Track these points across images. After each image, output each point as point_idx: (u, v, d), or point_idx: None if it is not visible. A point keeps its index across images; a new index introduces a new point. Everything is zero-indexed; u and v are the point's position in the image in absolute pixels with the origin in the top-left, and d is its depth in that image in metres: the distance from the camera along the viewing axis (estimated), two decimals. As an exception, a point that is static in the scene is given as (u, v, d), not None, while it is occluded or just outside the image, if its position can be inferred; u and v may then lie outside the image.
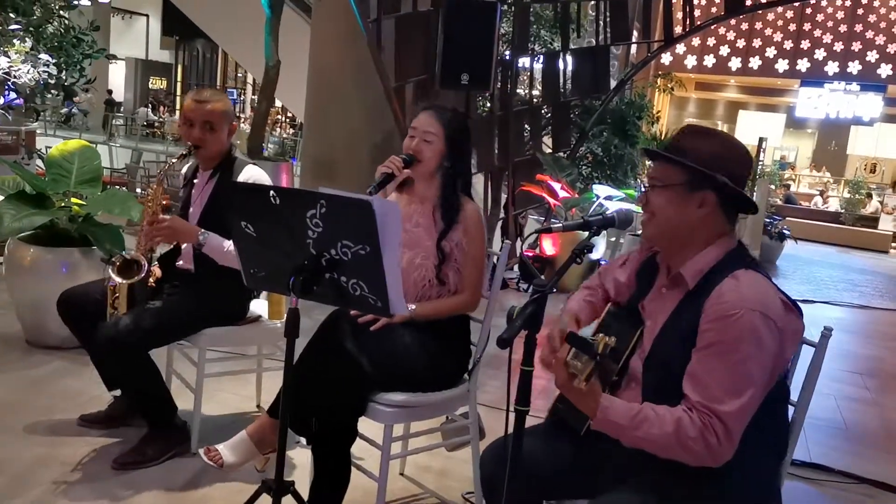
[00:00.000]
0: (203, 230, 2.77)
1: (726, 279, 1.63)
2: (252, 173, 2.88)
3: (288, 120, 24.15)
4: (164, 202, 2.80)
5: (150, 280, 2.84)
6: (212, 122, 2.81)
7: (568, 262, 1.65)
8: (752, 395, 1.56)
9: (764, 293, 1.61)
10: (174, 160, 2.94)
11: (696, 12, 7.32)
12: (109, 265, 2.79)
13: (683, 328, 1.66)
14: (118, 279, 2.74)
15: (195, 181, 2.99)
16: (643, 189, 1.80)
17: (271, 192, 1.89)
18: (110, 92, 22.39)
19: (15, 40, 5.29)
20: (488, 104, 8.08)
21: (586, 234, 1.82)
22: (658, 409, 1.61)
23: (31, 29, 6.22)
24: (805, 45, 18.90)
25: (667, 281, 1.79)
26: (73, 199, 3.78)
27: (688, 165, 1.68)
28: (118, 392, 3.05)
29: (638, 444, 1.62)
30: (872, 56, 18.27)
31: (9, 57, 5.50)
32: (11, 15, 5.97)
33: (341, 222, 1.81)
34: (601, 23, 7.45)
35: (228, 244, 2.75)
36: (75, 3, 7.05)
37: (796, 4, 17.29)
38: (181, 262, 2.93)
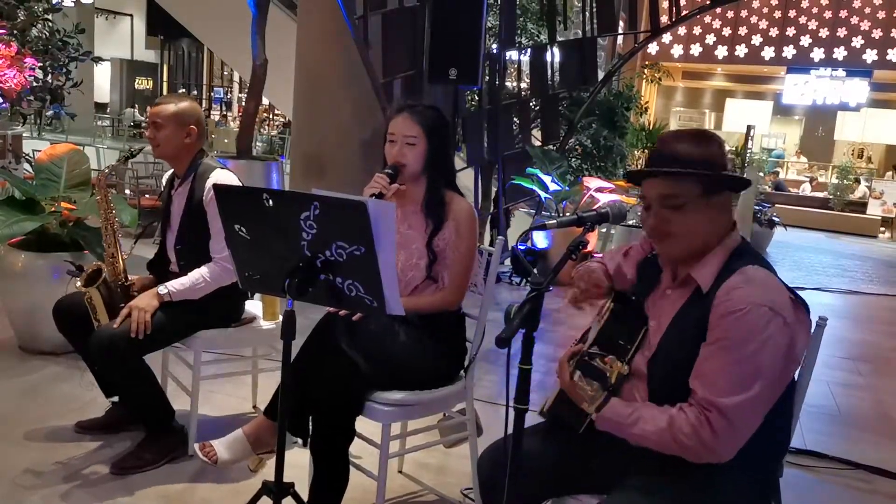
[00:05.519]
0: (162, 286, 2.77)
1: (734, 275, 1.62)
2: (218, 178, 2.83)
3: (274, 117, 24.05)
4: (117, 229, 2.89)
5: (132, 290, 2.85)
6: (157, 122, 2.86)
7: (563, 259, 1.65)
8: (763, 388, 1.56)
9: (772, 289, 1.61)
10: (110, 166, 3.02)
11: (682, 1, 7.33)
12: (76, 277, 2.83)
13: (690, 325, 1.66)
14: (84, 288, 2.78)
15: (172, 192, 2.98)
16: (647, 209, 1.72)
17: (264, 195, 1.88)
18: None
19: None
20: (476, 98, 8.07)
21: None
22: (654, 408, 1.62)
23: (15, 33, 6.17)
24: (790, 32, 18.93)
25: (672, 283, 1.78)
26: (63, 204, 3.76)
27: (713, 176, 1.65)
28: (116, 398, 3.05)
29: (639, 442, 1.65)
30: (858, 42, 18.31)
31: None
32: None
33: (335, 224, 1.81)
34: (587, 14, 7.44)
35: (193, 278, 2.77)
36: (58, 5, 7.00)
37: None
38: (173, 267, 2.93)
